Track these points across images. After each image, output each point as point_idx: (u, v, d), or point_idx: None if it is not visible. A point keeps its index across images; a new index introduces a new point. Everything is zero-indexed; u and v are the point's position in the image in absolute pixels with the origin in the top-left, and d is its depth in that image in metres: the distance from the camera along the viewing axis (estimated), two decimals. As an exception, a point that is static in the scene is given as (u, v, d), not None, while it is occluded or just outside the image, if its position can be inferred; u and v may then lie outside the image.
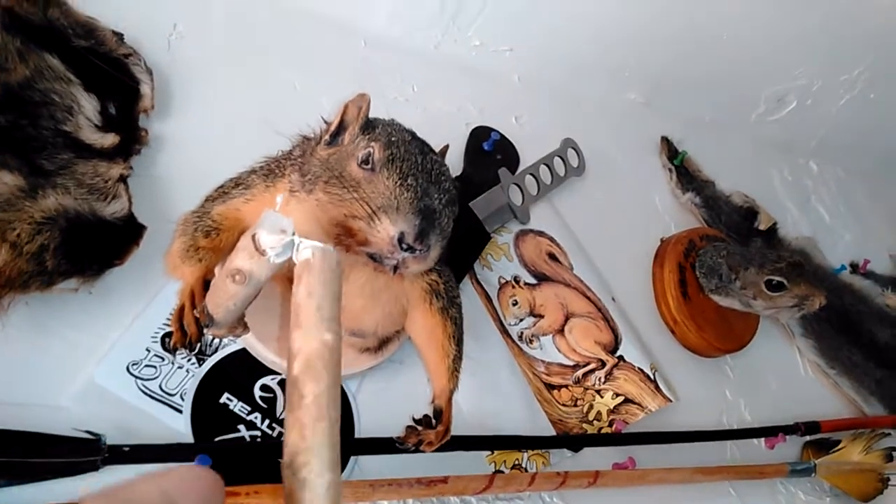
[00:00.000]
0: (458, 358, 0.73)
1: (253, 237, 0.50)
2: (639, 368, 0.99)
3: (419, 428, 0.71)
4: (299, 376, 0.41)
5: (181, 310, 0.63)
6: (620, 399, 0.97)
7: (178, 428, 0.69)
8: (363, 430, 0.79)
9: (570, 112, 1.21)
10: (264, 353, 0.74)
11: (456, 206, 0.65)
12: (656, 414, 0.98)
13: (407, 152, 0.61)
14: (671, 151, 1.29)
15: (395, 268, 0.59)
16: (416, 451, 0.71)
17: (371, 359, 0.77)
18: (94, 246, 0.67)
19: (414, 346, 0.78)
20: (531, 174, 1.07)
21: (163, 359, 0.71)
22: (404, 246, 0.58)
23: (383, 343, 0.76)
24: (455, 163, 1.03)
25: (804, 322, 1.22)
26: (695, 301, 1.11)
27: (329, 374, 0.42)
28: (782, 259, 1.07)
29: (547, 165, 1.10)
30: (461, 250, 0.95)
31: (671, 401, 0.99)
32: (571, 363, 0.97)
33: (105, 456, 0.63)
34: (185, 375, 0.72)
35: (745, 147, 1.41)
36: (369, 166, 0.60)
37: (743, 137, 1.40)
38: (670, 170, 1.27)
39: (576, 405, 0.95)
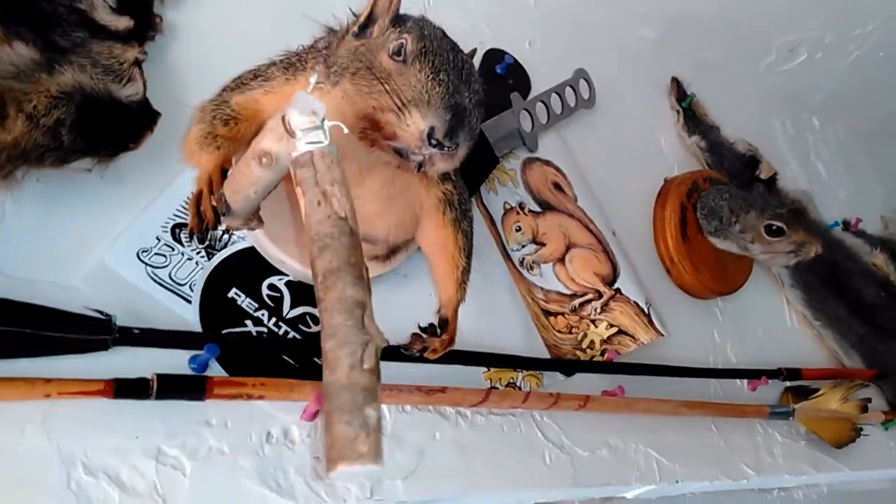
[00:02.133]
0: (466, 270, 0.73)
1: (283, 118, 0.50)
2: (634, 302, 1.00)
3: (424, 336, 0.72)
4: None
5: (199, 196, 0.63)
6: (614, 330, 0.99)
7: (187, 317, 0.69)
8: (366, 336, 0.79)
9: (583, 42, 1.19)
10: (273, 252, 0.73)
11: (483, 108, 0.64)
12: (647, 347, 1.00)
13: (440, 47, 0.59)
14: (680, 93, 1.28)
15: (420, 165, 0.59)
16: (421, 358, 0.72)
17: (379, 267, 0.77)
18: (110, 126, 0.66)
19: (423, 257, 0.78)
20: (542, 101, 1.06)
21: (172, 249, 0.71)
22: (433, 141, 0.57)
23: (392, 252, 0.76)
24: (468, 83, 1.02)
25: (794, 273, 1.24)
26: (693, 242, 1.12)
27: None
28: (783, 205, 1.08)
29: (558, 94, 1.09)
30: (469, 171, 0.94)
31: (663, 335, 1.00)
32: (569, 292, 0.98)
33: (115, 336, 0.63)
34: (195, 267, 0.72)
35: (752, 95, 1.41)
36: (401, 58, 0.59)
37: (751, 85, 1.40)
38: (678, 111, 1.27)
39: (570, 332, 0.96)
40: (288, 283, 0.76)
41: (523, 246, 0.97)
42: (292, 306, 0.75)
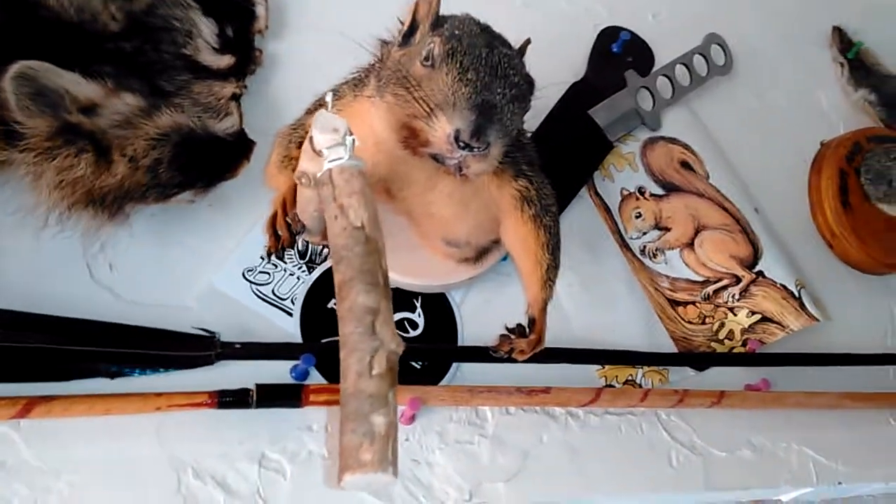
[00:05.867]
0: (552, 267, 0.71)
1: (310, 138, 0.52)
2: (781, 285, 0.90)
3: (512, 336, 0.71)
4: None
5: (273, 216, 0.67)
6: (757, 317, 0.90)
7: (289, 329, 0.74)
8: (467, 339, 0.79)
9: (717, 3, 1.09)
10: (367, 262, 0.76)
11: (526, 103, 0.62)
12: (804, 334, 0.90)
13: (470, 45, 0.58)
14: (844, 43, 1.13)
15: (460, 169, 0.58)
16: (509, 359, 0.71)
17: (471, 269, 0.76)
18: (206, 160, 0.72)
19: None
20: (665, 75, 0.99)
21: (276, 266, 0.76)
22: (461, 144, 0.56)
23: (481, 254, 0.76)
24: (578, 68, 0.98)
25: None
26: (858, 211, 0.99)
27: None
28: (967, 161, 0.91)
29: (685, 65, 1.01)
30: (577, 160, 0.91)
31: (817, 320, 0.89)
32: (701, 279, 0.90)
33: (218, 351, 0.69)
34: (296, 282, 0.76)
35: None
36: (429, 63, 0.58)
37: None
38: (842, 64, 1.12)
39: (704, 323, 0.89)
40: (385, 291, 0.78)
41: (644, 233, 0.91)
42: (390, 313, 0.77)
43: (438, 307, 0.79)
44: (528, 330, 0.71)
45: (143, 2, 0.76)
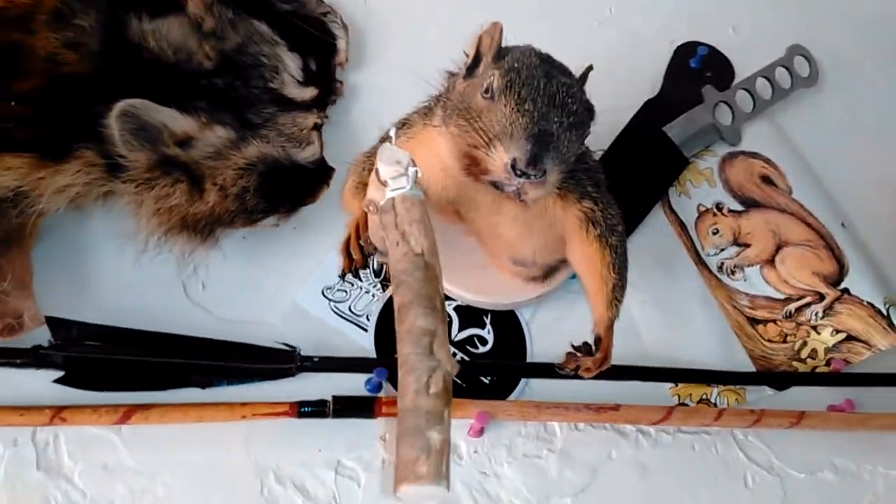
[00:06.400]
0: (618, 287, 0.71)
1: (376, 170, 0.55)
2: (868, 303, 0.87)
3: (578, 354, 0.72)
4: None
5: (347, 240, 0.71)
6: (842, 336, 0.87)
7: (364, 344, 0.79)
8: (536, 356, 0.81)
9: (802, 14, 1.07)
10: (438, 281, 0.79)
11: (584, 129, 0.63)
12: (891, 354, 0.86)
13: (529, 77, 0.60)
14: (944, 48, 1.07)
15: (518, 194, 0.60)
16: (575, 376, 0.72)
17: (538, 287, 0.78)
18: (289, 187, 0.77)
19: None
20: (744, 89, 0.98)
21: (352, 284, 0.81)
22: (518, 172, 0.58)
23: (549, 272, 0.77)
24: (654, 85, 0.98)
25: None
26: (955, 226, 0.94)
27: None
28: None
29: (766, 78, 0.99)
30: (651, 176, 0.91)
31: (909, 339, 0.86)
32: (782, 296, 0.88)
33: (299, 364, 0.74)
34: (371, 299, 0.80)
35: None
36: (489, 95, 0.61)
37: None
38: (939, 71, 1.07)
39: (785, 341, 0.87)
40: (456, 308, 0.81)
41: (722, 249, 0.90)
42: (460, 329, 0.80)
43: (508, 324, 0.81)
44: (594, 348, 0.72)
45: (235, 41, 0.82)
